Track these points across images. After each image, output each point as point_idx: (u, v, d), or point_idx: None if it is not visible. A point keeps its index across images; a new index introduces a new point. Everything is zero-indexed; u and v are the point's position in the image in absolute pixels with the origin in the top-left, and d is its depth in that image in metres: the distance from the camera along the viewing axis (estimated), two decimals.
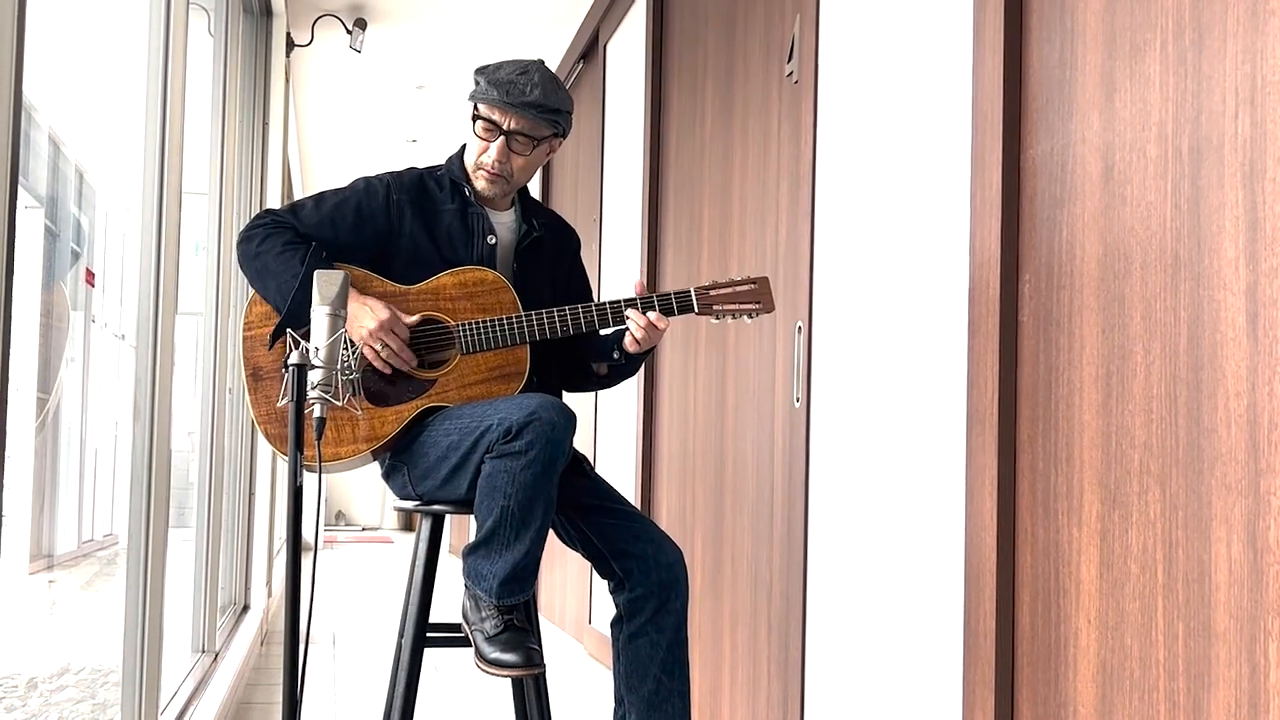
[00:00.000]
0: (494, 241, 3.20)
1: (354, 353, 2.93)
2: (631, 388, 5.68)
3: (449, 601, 4.98)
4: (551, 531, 3.04)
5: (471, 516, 2.94)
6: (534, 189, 8.43)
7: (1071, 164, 2.45)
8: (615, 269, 6.24)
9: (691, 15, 5.10)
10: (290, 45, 7.14)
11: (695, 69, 5.03)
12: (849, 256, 3.43)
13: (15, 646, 3.41)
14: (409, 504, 3.16)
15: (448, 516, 3.23)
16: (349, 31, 7.19)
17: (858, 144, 3.41)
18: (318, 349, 2.54)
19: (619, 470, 5.99)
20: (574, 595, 7.01)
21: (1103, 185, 2.35)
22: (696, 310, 3.10)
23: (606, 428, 6.42)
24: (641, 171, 5.70)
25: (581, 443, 6.63)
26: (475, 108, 3.17)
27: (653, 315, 3.06)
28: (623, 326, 3.11)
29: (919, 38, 3.08)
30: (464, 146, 3.27)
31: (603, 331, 3.18)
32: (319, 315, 2.57)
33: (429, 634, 3.09)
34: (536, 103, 3.10)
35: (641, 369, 4.59)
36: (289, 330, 2.69)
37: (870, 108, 3.35)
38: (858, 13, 3.44)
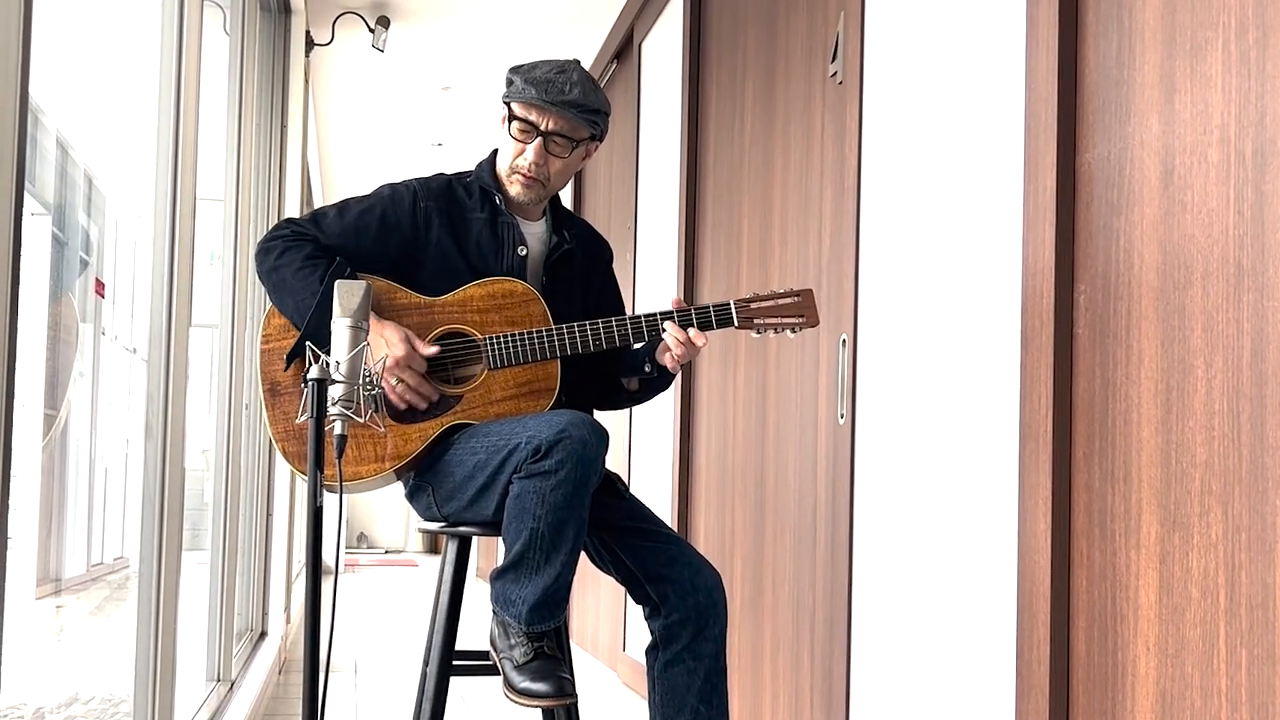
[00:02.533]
0: (524, 252, 3.22)
1: (376, 366, 2.95)
2: (667, 404, 5.70)
3: (476, 628, 5.00)
4: (583, 554, 3.05)
5: (499, 539, 2.96)
6: (565, 195, 8.46)
7: (1129, 168, 2.46)
8: (651, 278, 6.26)
9: (730, 13, 5.12)
10: (310, 44, 7.19)
11: (734, 69, 5.05)
12: (895, 266, 3.44)
13: (21, 674, 3.44)
14: (434, 525, 3.18)
15: (475, 539, 3.25)
16: (371, 30, 7.24)
17: (905, 148, 3.43)
18: (339, 363, 2.55)
19: (654, 490, 6.00)
20: (607, 621, 7.03)
21: (1162, 191, 2.36)
22: (736, 324, 3.10)
23: (641, 446, 6.44)
24: (678, 176, 5.72)
25: (615, 461, 6.65)
26: (510, 108, 3.19)
27: (691, 331, 3.07)
28: (655, 340, 3.13)
29: (969, 35, 3.09)
30: (494, 152, 3.28)
31: (634, 345, 3.19)
32: (340, 327, 2.58)
33: (455, 662, 3.11)
34: (576, 102, 3.11)
35: (677, 383, 4.60)
36: (308, 344, 2.71)
37: (918, 109, 3.36)
38: (904, 10, 3.46)
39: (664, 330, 3.07)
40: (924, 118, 3.32)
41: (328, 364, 2.53)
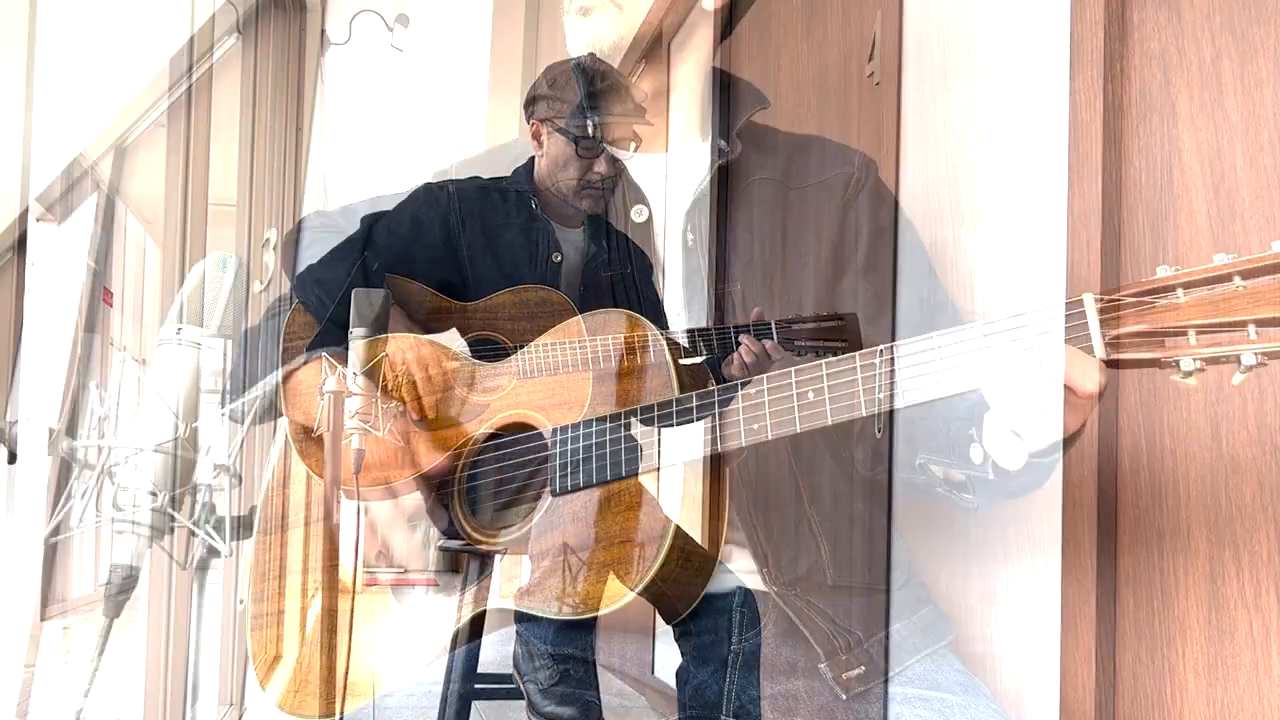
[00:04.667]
0: (559, 259, 3.21)
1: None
2: None
3: (499, 650, 5.00)
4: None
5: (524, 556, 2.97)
6: None
7: (1177, 174, 2.46)
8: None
9: (763, 11, 5.12)
10: (326, 43, 7.20)
11: (766, 68, 5.05)
12: (934, 273, 3.44)
13: (27, 698, 3.46)
14: (455, 543, 3.19)
15: (498, 556, 3.26)
16: (390, 28, 7.25)
17: (944, 151, 3.43)
18: (356, 375, 2.56)
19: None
20: (635, 641, 7.02)
21: (1211, 198, 2.36)
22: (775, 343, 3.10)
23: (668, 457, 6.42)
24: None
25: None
26: (554, 125, 3.16)
27: (768, 344, 3.06)
28: (709, 356, 3.13)
29: (1011, 35, 3.10)
30: (532, 159, 3.28)
31: (693, 360, 3.17)
32: (358, 337, 2.59)
33: (477, 685, 3.12)
34: (636, 104, 3.13)
35: None
36: (324, 353, 2.71)
37: (958, 112, 3.36)
38: (944, 8, 3.46)
39: (740, 340, 3.06)
40: (964, 120, 3.33)
41: (344, 375, 2.54)
